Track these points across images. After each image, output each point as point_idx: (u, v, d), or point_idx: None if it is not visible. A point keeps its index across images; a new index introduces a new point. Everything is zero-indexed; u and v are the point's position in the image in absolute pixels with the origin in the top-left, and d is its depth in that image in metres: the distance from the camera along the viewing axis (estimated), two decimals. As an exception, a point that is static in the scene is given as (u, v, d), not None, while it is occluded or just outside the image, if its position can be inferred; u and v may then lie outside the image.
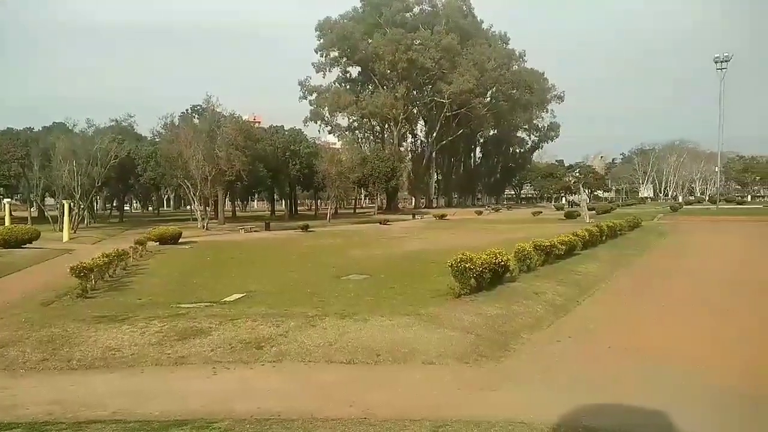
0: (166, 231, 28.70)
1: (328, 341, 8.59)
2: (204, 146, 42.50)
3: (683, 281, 15.84)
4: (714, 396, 6.48)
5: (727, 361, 7.94)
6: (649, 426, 5.57)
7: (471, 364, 7.76)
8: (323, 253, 23.49)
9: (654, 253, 23.15)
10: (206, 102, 49.43)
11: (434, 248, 23.82)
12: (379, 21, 79.00)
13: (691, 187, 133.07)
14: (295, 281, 15.33)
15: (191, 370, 7.75)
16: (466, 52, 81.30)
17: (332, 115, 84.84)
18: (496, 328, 9.48)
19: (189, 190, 44.29)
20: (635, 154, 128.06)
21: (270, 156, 54.84)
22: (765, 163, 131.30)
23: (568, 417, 5.76)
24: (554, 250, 17.09)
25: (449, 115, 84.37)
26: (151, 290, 14.14)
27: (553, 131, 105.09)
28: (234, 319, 9.92)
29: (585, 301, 12.58)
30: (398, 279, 14.96)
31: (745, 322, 10.44)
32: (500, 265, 12.68)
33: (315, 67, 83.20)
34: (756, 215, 50.47)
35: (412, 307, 10.61)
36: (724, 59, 69.12)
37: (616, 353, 8.44)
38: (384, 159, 68.66)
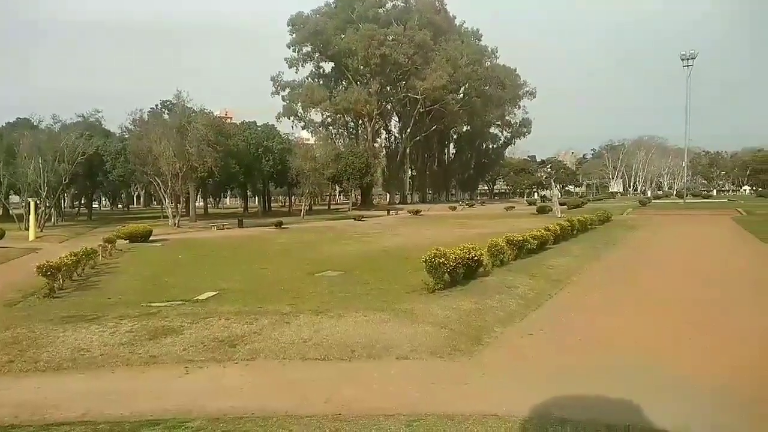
0: (137, 229, 28.16)
1: (302, 338, 8.57)
2: (174, 142, 41.78)
3: (652, 274, 16.24)
4: (680, 385, 6.65)
5: (694, 351, 8.17)
6: (618, 415, 5.70)
7: (445, 358, 7.82)
8: (297, 250, 23.37)
9: (624, 246, 23.65)
10: (176, 97, 48.56)
11: (409, 244, 23.91)
12: (352, 16, 78.67)
13: (660, 182, 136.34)
14: (268, 278, 15.23)
15: (163, 369, 7.64)
16: (439, 48, 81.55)
17: (305, 111, 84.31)
18: (469, 322, 9.57)
19: (159, 187, 43.51)
20: (605, 150, 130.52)
21: (242, 152, 54.22)
22: (729, 159, 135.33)
23: (540, 409, 5.85)
24: (526, 245, 17.35)
25: (423, 111, 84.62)
26: (121, 289, 13.88)
27: (525, 127, 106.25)
28: (206, 317, 9.82)
29: (556, 295, 12.77)
30: (373, 275, 14.98)
31: (712, 314, 10.74)
32: (473, 260, 12.81)
33: (287, 62, 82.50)
34: (721, 209, 52.03)
35: (387, 303, 10.65)
36: (690, 57, 70.79)
37: (587, 345, 8.60)
38: (358, 155, 68.57)
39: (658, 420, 5.52)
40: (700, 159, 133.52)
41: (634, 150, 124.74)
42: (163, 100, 52.64)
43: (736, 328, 9.52)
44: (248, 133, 58.11)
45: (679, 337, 9.00)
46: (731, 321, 10.09)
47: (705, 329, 9.50)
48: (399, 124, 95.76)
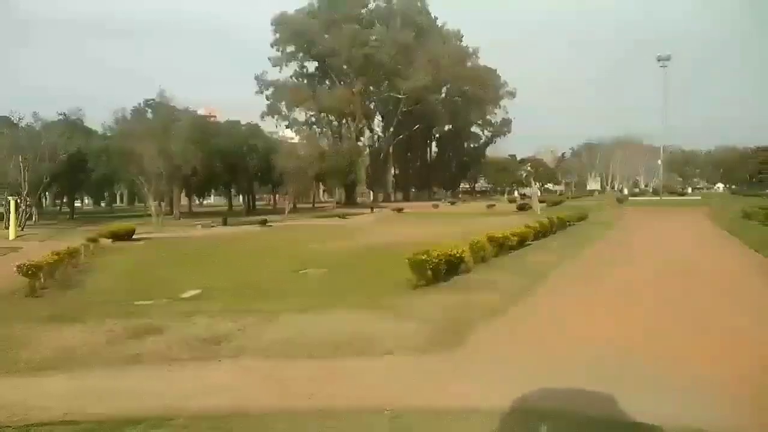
0: (120, 227, 27.89)
1: (286, 336, 8.62)
2: (158, 141, 41.40)
3: (628, 269, 16.52)
4: (655, 377, 6.83)
5: (670, 344, 8.37)
6: (598, 408, 5.82)
7: (428, 353, 7.91)
8: (282, 248, 23.34)
9: (601, 243, 24.00)
10: (160, 96, 48.13)
11: (392, 241, 23.99)
12: (335, 17, 78.63)
13: (636, 180, 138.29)
14: (253, 276, 15.22)
15: (146, 368, 7.61)
16: (422, 48, 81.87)
17: (289, 110, 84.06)
18: (452, 317, 9.69)
19: (143, 186, 43.09)
20: (584, 149, 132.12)
21: (226, 151, 53.89)
22: (703, 156, 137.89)
23: (521, 402, 5.95)
24: (507, 242, 17.57)
25: (406, 110, 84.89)
26: (103, 288, 13.79)
27: (506, 127, 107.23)
28: (190, 315, 9.81)
29: (536, 290, 12.94)
30: (357, 272, 15.06)
31: (688, 307, 10.99)
32: (456, 257, 12.98)
33: (271, 61, 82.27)
34: (695, 206, 53.04)
35: (371, 300, 10.73)
36: (665, 58, 72.15)
37: (567, 339, 8.76)
38: (342, 154, 68.58)
39: (634, 411, 5.67)
40: (675, 157, 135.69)
41: (612, 148, 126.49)
42: (147, 99, 52.15)
43: (709, 321, 9.78)
44: (232, 132, 57.79)
45: (655, 330, 9.21)
46: (706, 314, 10.35)
47: (680, 323, 9.74)
48: (382, 123, 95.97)
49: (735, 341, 8.46)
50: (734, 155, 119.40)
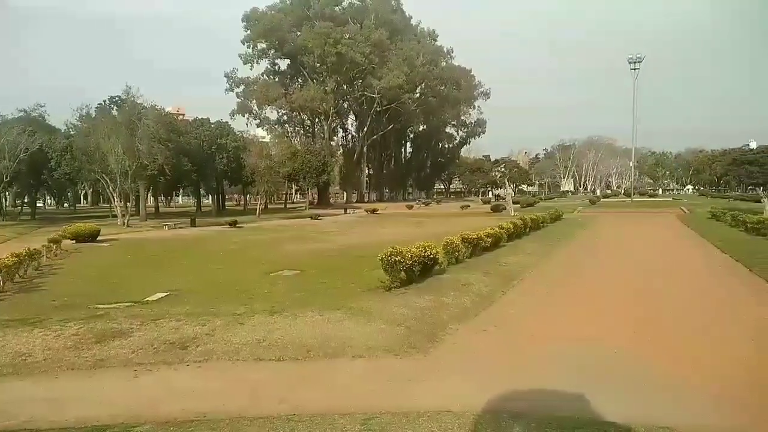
0: (83, 228, 27.13)
1: (256, 339, 8.44)
2: (124, 139, 40.49)
3: (600, 269, 16.78)
4: (625, 376, 6.89)
5: (640, 344, 8.46)
6: (568, 408, 5.84)
7: (401, 355, 7.85)
8: (252, 249, 23.03)
9: (574, 243, 24.34)
10: (125, 93, 47.00)
11: (366, 242, 23.92)
12: (308, 14, 78.16)
13: (608, 181, 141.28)
14: (222, 278, 14.95)
15: (111, 373, 7.38)
16: (396, 47, 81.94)
17: (261, 108, 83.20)
18: (425, 319, 9.64)
19: (108, 186, 42.09)
20: (557, 150, 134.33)
21: (195, 149, 53.10)
22: (673, 159, 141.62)
23: (494, 404, 5.94)
24: (481, 243, 17.62)
25: (380, 110, 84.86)
26: (66, 291, 13.34)
27: (480, 127, 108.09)
28: (157, 318, 9.54)
29: (510, 291, 13.02)
30: (329, 274, 14.92)
31: (657, 306, 11.17)
32: (429, 258, 12.91)
33: (242, 58, 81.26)
34: (665, 207, 54.37)
35: (343, 302, 10.60)
36: (636, 60, 73.54)
37: (539, 340, 8.80)
38: (315, 153, 68.10)
39: (604, 410, 5.69)
40: (646, 159, 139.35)
41: (584, 150, 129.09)
42: (112, 96, 50.93)
43: (678, 319, 9.94)
44: (201, 130, 56.95)
45: (625, 329, 9.31)
46: (675, 313, 10.53)
47: (650, 321, 9.88)
48: (356, 122, 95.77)
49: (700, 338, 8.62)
50: (703, 158, 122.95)
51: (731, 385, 6.58)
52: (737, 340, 8.52)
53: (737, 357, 7.70)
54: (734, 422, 5.55)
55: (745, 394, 6.29)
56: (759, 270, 14.87)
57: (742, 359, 7.60)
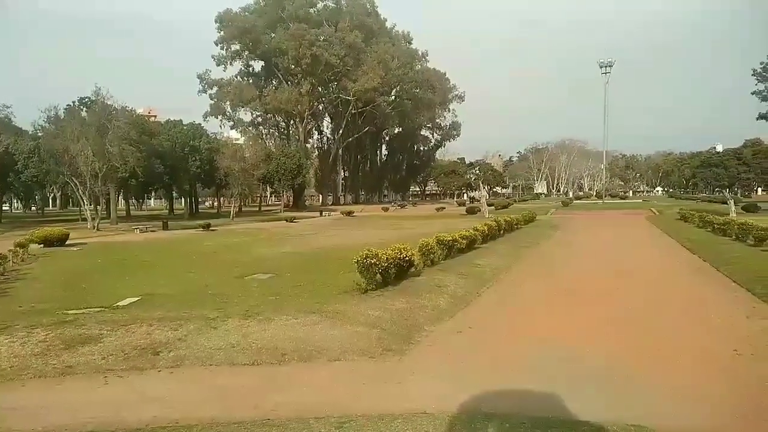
0: (52, 232, 26.48)
1: (230, 343, 8.32)
2: (94, 141, 39.66)
3: (573, 270, 17.03)
4: (598, 376, 6.98)
5: (612, 343, 8.59)
6: (542, 407, 5.89)
7: (376, 358, 7.83)
8: (226, 253, 22.75)
9: (547, 245, 24.66)
10: (95, 94, 46.00)
11: (341, 245, 23.83)
12: (282, 15, 77.73)
13: (581, 183, 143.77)
14: (195, 282, 14.71)
15: (80, 380, 7.20)
16: (371, 50, 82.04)
17: (234, 110, 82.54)
18: (400, 321, 9.64)
19: (77, 188, 41.18)
20: (530, 153, 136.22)
21: (167, 152, 52.36)
22: (643, 161, 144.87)
23: (469, 405, 5.96)
24: (456, 245, 17.71)
25: (355, 112, 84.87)
26: (33, 296, 12.98)
27: (455, 130, 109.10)
28: (127, 324, 9.33)
29: (485, 292, 13.11)
30: (304, 277, 14.81)
31: (628, 306, 11.35)
32: (405, 260, 12.92)
33: (215, 59, 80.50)
34: (636, 208, 55.56)
35: (318, 305, 10.53)
36: (607, 64, 75.11)
37: (513, 341, 8.88)
38: (290, 155, 67.73)
39: (576, 410, 5.76)
40: (617, 162, 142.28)
41: (557, 153, 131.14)
42: (81, 97, 49.82)
43: (649, 319, 10.13)
44: (173, 132, 56.18)
45: (597, 329, 9.45)
46: (645, 312, 10.72)
47: (621, 321, 10.04)
48: (331, 125, 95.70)
49: (670, 337, 8.80)
50: (672, 160, 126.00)
51: (701, 383, 6.72)
52: (707, 339, 8.71)
53: (707, 355, 7.87)
54: (705, 420, 5.65)
55: (715, 392, 6.42)
56: (726, 270, 15.26)
57: (711, 357, 7.77)
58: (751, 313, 10.35)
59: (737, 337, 8.67)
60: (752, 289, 12.25)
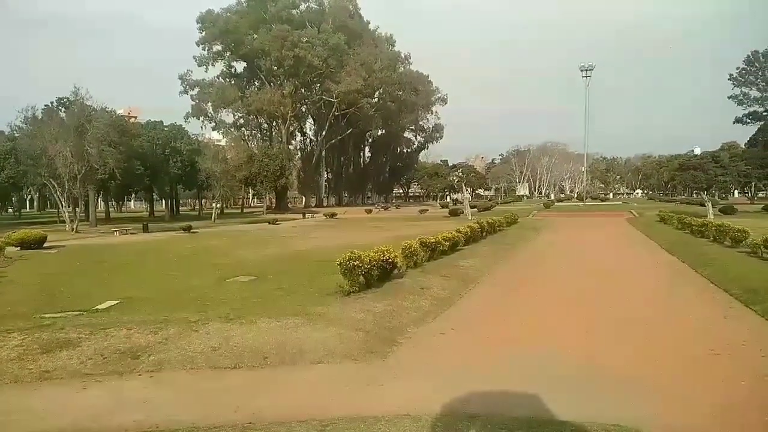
0: (29, 234, 25.94)
1: (211, 346, 8.24)
2: (72, 142, 39.05)
3: (554, 271, 17.20)
4: (578, 376, 7.06)
5: (593, 344, 8.69)
6: (524, 408, 5.93)
7: (359, 360, 7.82)
8: (208, 255, 22.52)
9: (530, 246, 24.87)
10: (74, 94, 45.29)
11: (324, 247, 23.75)
12: (265, 16, 77.32)
13: (562, 186, 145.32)
14: (176, 285, 14.54)
15: (58, 385, 7.08)
16: (354, 52, 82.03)
17: (216, 111, 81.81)
18: (383, 323, 9.64)
19: (55, 190, 40.50)
20: (512, 155, 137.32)
21: (148, 153, 51.80)
22: (623, 164, 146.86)
23: (452, 407, 5.98)
24: (439, 247, 17.76)
25: (338, 114, 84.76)
26: (10, 300, 12.69)
27: (438, 132, 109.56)
28: (107, 327, 9.19)
29: (467, 294, 13.18)
30: (287, 279, 14.73)
31: (609, 309, 11.50)
32: (388, 262, 12.91)
33: (197, 60, 79.75)
34: (616, 210, 56.34)
35: (301, 307, 10.48)
36: (588, 68, 76.14)
37: (495, 342, 8.93)
38: (272, 157, 67.36)
39: (558, 410, 5.81)
40: (598, 164, 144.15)
41: (538, 155, 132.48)
42: (59, 98, 49.00)
43: (629, 320, 10.26)
44: (154, 133, 55.62)
45: (579, 330, 9.55)
46: (626, 313, 10.86)
47: (601, 322, 10.17)
48: (314, 126, 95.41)
49: (650, 337, 8.93)
50: (651, 163, 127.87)
51: (679, 383, 6.82)
52: (684, 339, 8.85)
53: (685, 355, 8.00)
54: (683, 419, 5.73)
55: (692, 391, 6.52)
56: (703, 271, 15.53)
57: (689, 357, 7.90)
58: (728, 313, 10.55)
59: (714, 337, 8.83)
60: (729, 290, 12.49)
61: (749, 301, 11.16)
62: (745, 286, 12.31)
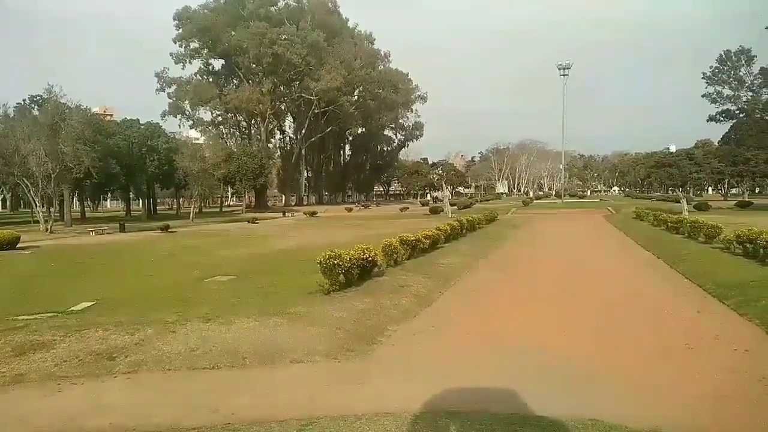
0: (1, 235, 25.39)
1: (189, 347, 8.14)
2: (46, 141, 38.25)
3: (532, 268, 17.39)
4: (556, 373, 7.14)
5: (570, 340, 8.80)
6: (503, 404, 5.98)
7: (339, 359, 7.81)
8: (186, 255, 22.29)
9: (508, 243, 25.09)
10: (48, 92, 44.33)
11: (304, 245, 23.67)
12: (242, 13, 76.56)
13: (540, 183, 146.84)
14: (153, 286, 14.37)
15: (31, 388, 6.92)
16: (333, 49, 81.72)
17: (194, 109, 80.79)
18: (364, 322, 9.64)
19: (29, 190, 39.65)
20: (492, 153, 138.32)
21: (124, 152, 50.99)
22: (600, 161, 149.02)
23: (432, 404, 6.00)
24: (419, 245, 17.81)
25: (318, 112, 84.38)
26: (-20, 302, 12.42)
27: (418, 130, 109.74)
28: (82, 329, 9.03)
29: (447, 292, 13.25)
30: (267, 278, 14.65)
31: (586, 305, 11.65)
32: (368, 261, 12.92)
33: (174, 57, 78.61)
34: (594, 207, 57.11)
35: (281, 307, 10.43)
36: (565, 66, 76.95)
37: (475, 339, 8.99)
38: (251, 155, 66.84)
39: (535, 406, 5.87)
40: (575, 162, 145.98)
41: (517, 153, 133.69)
42: (32, 95, 47.94)
43: (606, 315, 10.41)
44: (130, 132, 54.74)
45: (555, 326, 9.66)
46: (603, 309, 11.03)
47: (578, 318, 10.30)
48: (294, 124, 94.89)
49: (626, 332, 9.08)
50: (628, 160, 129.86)
51: (654, 377, 6.95)
52: (660, 334, 9.02)
53: (660, 349, 8.15)
54: (658, 412, 5.82)
55: (668, 384, 6.64)
56: (678, 266, 15.85)
57: (664, 351, 8.05)
58: (702, 308, 10.77)
59: (689, 331, 9.01)
60: (703, 285, 12.76)
61: (722, 295, 11.42)
62: (718, 281, 12.59)
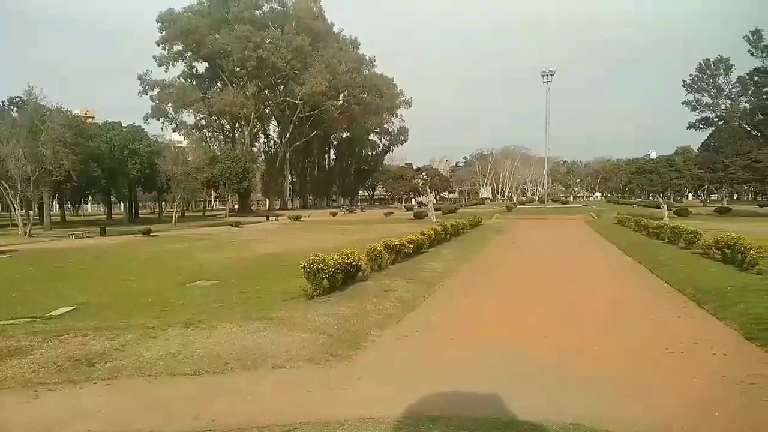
0: (-24, 239, 24.92)
1: (170, 353, 8.05)
2: (25, 143, 37.61)
3: (515, 272, 17.50)
4: (540, 378, 7.17)
5: (552, 345, 8.85)
6: (485, 408, 5.99)
7: (322, 364, 7.76)
8: (168, 259, 22.05)
9: (492, 248, 25.23)
10: (27, 94, 43.65)
11: (288, 250, 23.56)
12: (227, 17, 76.30)
13: (524, 188, 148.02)
14: (134, 290, 14.19)
15: (7, 395, 6.77)
16: (318, 54, 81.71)
17: (177, 112, 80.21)
18: (347, 327, 9.60)
19: (7, 193, 38.90)
20: (476, 159, 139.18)
21: (105, 154, 50.31)
22: (583, 167, 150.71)
23: (414, 409, 5.99)
24: (404, 249, 17.84)
25: (302, 116, 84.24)
26: (-45, 308, 12.15)
27: (403, 135, 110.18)
28: (61, 334, 8.89)
29: (431, 296, 13.27)
30: (250, 283, 14.55)
31: (569, 309, 11.73)
32: (352, 265, 12.90)
33: (157, 60, 78.06)
34: (576, 213, 57.67)
35: (264, 312, 10.37)
36: (548, 73, 77.86)
37: (458, 344, 9.00)
38: (235, 159, 66.46)
39: (517, 410, 5.88)
40: (558, 167, 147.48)
41: (501, 159, 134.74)
42: (11, 97, 47.20)
43: (588, 319, 10.50)
44: (112, 134, 54.04)
45: (538, 331, 9.70)
46: (585, 313, 11.12)
47: (561, 322, 10.37)
48: (278, 128, 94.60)
49: (607, 336, 9.16)
50: (610, 166, 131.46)
51: (635, 381, 7.01)
52: (640, 338, 9.11)
53: (640, 354, 8.23)
54: (639, 416, 5.87)
55: (648, 388, 6.70)
56: (659, 271, 16.05)
57: (644, 355, 8.13)
58: (682, 312, 10.91)
59: (669, 336, 9.11)
60: (683, 290, 12.93)
61: (701, 300, 11.58)
62: (697, 286, 12.76)
